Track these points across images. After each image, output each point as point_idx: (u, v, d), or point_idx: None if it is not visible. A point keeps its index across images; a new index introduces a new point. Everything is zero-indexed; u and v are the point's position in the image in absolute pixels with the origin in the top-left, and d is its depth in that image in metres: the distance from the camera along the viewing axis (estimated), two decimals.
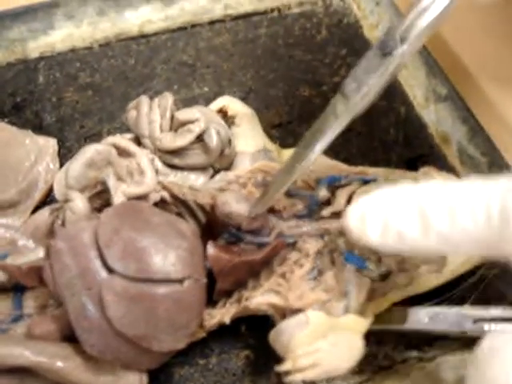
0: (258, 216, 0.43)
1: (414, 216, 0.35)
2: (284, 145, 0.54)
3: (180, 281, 0.40)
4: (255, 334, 0.47)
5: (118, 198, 0.44)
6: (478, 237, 0.33)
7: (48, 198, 0.54)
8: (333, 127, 0.40)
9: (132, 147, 0.47)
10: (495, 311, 0.43)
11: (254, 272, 0.44)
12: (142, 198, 0.46)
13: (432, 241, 0.34)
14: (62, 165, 0.54)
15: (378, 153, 0.57)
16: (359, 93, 0.39)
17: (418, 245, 0.35)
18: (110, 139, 0.47)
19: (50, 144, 0.55)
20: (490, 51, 0.65)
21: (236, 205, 0.43)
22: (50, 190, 0.53)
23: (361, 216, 0.37)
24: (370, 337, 0.45)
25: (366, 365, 0.46)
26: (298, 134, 0.58)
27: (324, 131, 0.40)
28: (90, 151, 0.45)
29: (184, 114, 0.49)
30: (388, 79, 0.40)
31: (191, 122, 0.49)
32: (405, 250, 0.37)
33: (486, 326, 0.43)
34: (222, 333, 0.45)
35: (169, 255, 0.40)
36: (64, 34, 0.64)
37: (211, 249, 0.42)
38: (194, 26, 0.66)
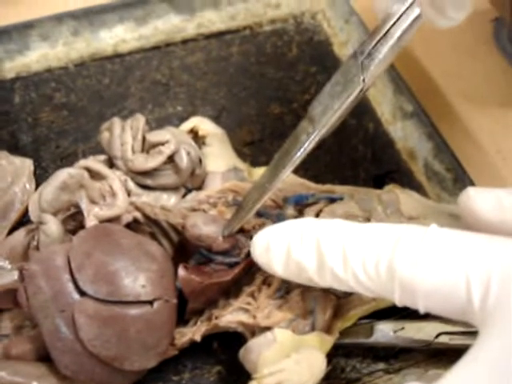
0: (228, 237, 0.45)
1: (312, 251, 0.36)
2: (256, 162, 0.56)
3: (150, 302, 0.41)
4: (227, 350, 0.48)
5: (90, 221, 0.45)
6: (367, 285, 0.34)
7: (24, 218, 0.54)
8: (301, 149, 0.42)
9: (104, 170, 0.48)
10: (456, 325, 0.45)
11: (224, 291, 0.45)
12: (115, 219, 0.47)
13: (328, 279, 0.36)
14: (38, 185, 0.55)
15: (347, 169, 0.58)
16: (324, 116, 0.41)
17: (315, 280, 0.37)
18: (83, 162, 0.48)
19: (26, 164, 0.56)
20: (456, 66, 0.67)
21: (205, 227, 0.44)
22: (27, 210, 0.54)
23: (266, 246, 0.39)
24: (338, 350, 0.46)
25: (335, 378, 0.47)
26: (269, 152, 0.59)
27: (293, 152, 0.42)
28: (62, 175, 0.46)
29: (155, 136, 0.50)
30: (353, 103, 0.41)
31: (162, 143, 0.50)
32: (306, 283, 0.38)
33: (449, 339, 0.45)
34: (194, 349, 0.46)
35: (139, 277, 0.41)
36: (39, 55, 0.65)
37: (182, 271, 0.43)
38: (167, 45, 0.67)
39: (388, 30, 0.40)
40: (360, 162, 0.59)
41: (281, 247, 0.38)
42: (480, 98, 0.65)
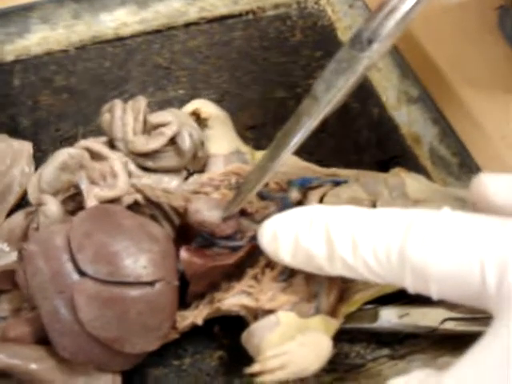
0: (231, 221, 0.44)
1: (321, 238, 0.36)
2: (258, 146, 0.55)
3: (151, 283, 0.40)
4: (229, 334, 0.47)
5: (90, 201, 0.44)
6: (378, 272, 0.34)
7: (23, 201, 0.53)
8: (304, 127, 0.41)
9: (105, 151, 0.48)
10: (461, 311, 0.44)
11: (226, 274, 0.44)
12: (116, 201, 0.46)
13: (338, 266, 0.35)
14: (37, 168, 0.54)
15: (351, 154, 0.58)
16: (328, 94, 0.40)
17: (325, 268, 0.36)
18: (83, 143, 0.48)
19: (25, 147, 0.55)
20: (462, 53, 0.66)
21: (208, 213, 0.43)
22: (25, 193, 0.53)
23: (273, 234, 0.38)
24: (342, 335, 0.46)
25: (339, 363, 0.46)
26: (272, 136, 0.57)
27: (295, 131, 0.41)
28: (62, 155, 0.45)
29: (157, 117, 0.49)
30: (357, 80, 0.40)
31: (164, 125, 0.49)
32: (315, 271, 0.37)
33: (454, 325, 0.44)
34: (195, 334, 0.45)
35: (140, 258, 0.40)
36: (40, 37, 0.64)
37: (184, 253, 0.42)
38: (169, 28, 0.67)
39: (395, 6, 0.39)
40: (365, 147, 0.58)
41: (289, 235, 0.37)
42: (484, 84, 0.64)
